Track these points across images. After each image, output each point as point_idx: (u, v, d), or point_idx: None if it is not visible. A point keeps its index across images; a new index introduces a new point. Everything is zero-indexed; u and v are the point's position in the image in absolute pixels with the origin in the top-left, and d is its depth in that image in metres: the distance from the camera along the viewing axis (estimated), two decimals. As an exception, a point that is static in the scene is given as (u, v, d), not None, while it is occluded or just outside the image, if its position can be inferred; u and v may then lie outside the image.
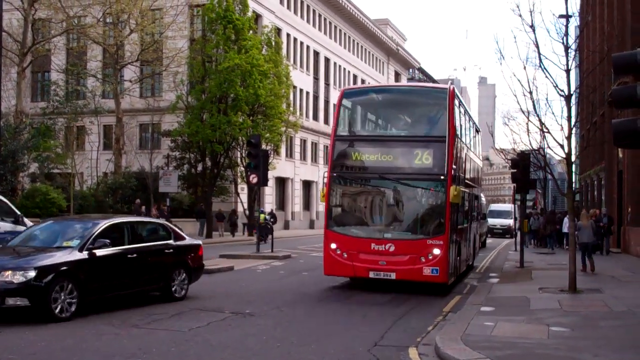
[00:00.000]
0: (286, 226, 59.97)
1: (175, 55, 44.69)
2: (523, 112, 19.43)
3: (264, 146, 38.49)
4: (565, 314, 14.00)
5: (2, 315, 12.47)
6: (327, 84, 72.20)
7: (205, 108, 42.66)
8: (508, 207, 57.43)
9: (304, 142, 65.78)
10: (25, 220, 20.60)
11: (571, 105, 17.18)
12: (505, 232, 52.61)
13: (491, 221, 50.45)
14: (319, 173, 69.16)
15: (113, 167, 44.49)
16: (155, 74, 48.81)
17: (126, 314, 13.48)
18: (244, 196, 47.91)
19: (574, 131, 18.16)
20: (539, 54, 17.57)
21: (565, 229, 32.16)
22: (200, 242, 17.61)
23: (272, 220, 40.88)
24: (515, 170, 25.62)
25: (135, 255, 14.54)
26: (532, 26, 17.36)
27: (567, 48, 16.98)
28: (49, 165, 39.04)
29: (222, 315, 13.56)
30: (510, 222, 51.51)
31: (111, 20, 44.09)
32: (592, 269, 22.72)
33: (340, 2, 71.63)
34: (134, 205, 39.25)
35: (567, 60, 17.00)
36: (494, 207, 60.77)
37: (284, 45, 55.85)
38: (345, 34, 76.66)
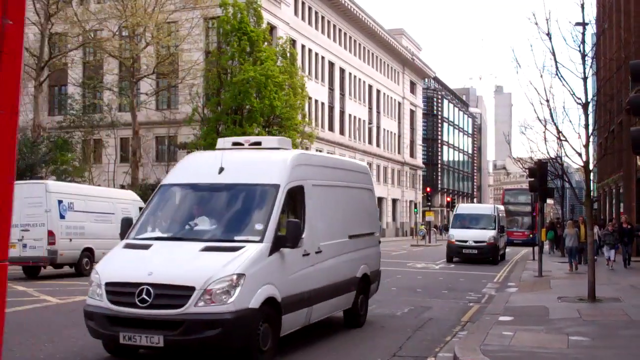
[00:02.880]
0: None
1: (191, 68, 44.92)
2: (540, 120, 19.33)
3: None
4: (584, 323, 13.87)
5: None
6: (342, 95, 72.26)
7: (221, 120, 42.81)
8: (487, 208, 40.46)
9: (320, 152, 65.80)
10: None
11: (588, 113, 17.08)
12: (483, 253, 33.80)
13: (457, 234, 34.74)
14: (335, 184, 69.07)
15: (130, 179, 44.70)
16: (171, 87, 49.10)
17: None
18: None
19: (591, 139, 18.07)
20: (556, 62, 17.50)
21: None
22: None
23: None
24: (532, 179, 25.53)
25: None
26: (548, 34, 17.30)
27: (583, 56, 16.90)
28: (66, 179, 39.25)
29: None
30: (491, 234, 34.17)
31: (127, 33, 44.39)
32: (576, 267, 27.56)
33: (355, 12, 71.77)
34: None
35: (584, 68, 16.91)
36: (463, 209, 40.78)
37: (299, 57, 55.95)
38: (360, 44, 76.76)
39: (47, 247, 23.18)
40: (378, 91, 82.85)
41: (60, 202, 23.79)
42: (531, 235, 55.04)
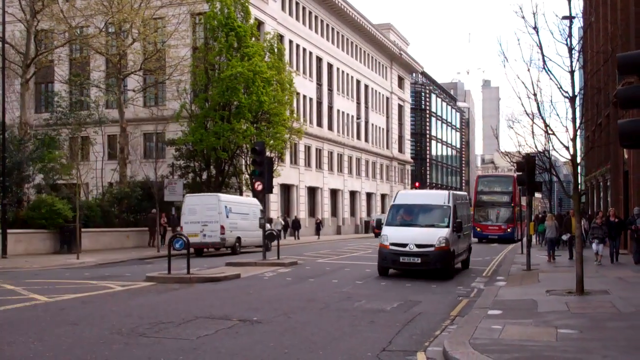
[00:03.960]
0: (292, 233, 60.14)
1: (178, 64, 44.80)
2: (527, 114, 19.38)
3: (268, 153, 38.51)
4: (573, 316, 13.94)
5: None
6: (330, 90, 72.24)
7: (209, 116, 42.74)
8: (438, 196, 26.45)
9: (308, 148, 65.79)
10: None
11: (576, 106, 17.16)
12: (429, 262, 22.84)
13: (393, 234, 23.55)
14: (323, 180, 69.18)
15: (118, 176, 44.58)
16: (159, 83, 48.94)
17: (133, 323, 13.41)
18: (249, 203, 47.90)
19: (579, 133, 18.13)
20: (543, 55, 17.54)
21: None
22: None
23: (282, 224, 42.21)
24: (521, 173, 25.60)
25: None
26: (535, 28, 17.33)
27: (570, 49, 16.94)
28: (54, 176, 39.10)
29: (230, 323, 13.52)
30: (441, 235, 23.10)
31: (113, 30, 44.22)
32: (553, 258, 29.48)
33: (342, 7, 71.73)
34: (149, 214, 39.19)
35: (571, 62, 16.95)
36: (405, 197, 26.69)
37: (287, 52, 55.93)
38: (347, 39, 76.74)
39: (220, 236, 34.34)
40: (366, 86, 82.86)
41: (226, 207, 35.00)
42: (509, 230, 51.20)
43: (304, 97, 64.51)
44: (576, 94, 17.28)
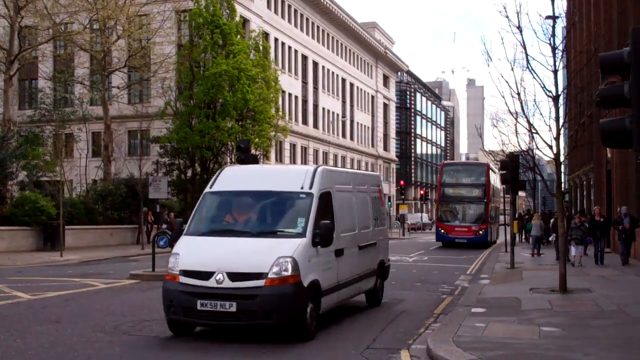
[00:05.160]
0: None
1: (163, 61, 44.62)
2: (511, 113, 19.45)
3: (253, 151, 38.41)
4: (556, 314, 14.02)
5: None
6: (315, 88, 72.18)
7: (194, 114, 42.61)
8: (292, 176, 13.38)
9: (293, 146, 65.72)
10: None
11: (559, 105, 17.26)
12: (253, 313, 11.11)
13: (190, 253, 11.94)
14: (308, 177, 69.05)
15: (102, 174, 44.33)
16: (143, 80, 48.72)
17: (116, 321, 13.36)
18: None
19: (562, 132, 18.23)
20: (527, 55, 17.62)
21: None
22: None
23: None
24: (504, 172, 25.69)
25: None
26: (519, 27, 17.41)
27: (554, 49, 17.02)
28: (37, 173, 38.81)
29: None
30: (285, 253, 11.44)
31: (98, 26, 43.97)
32: (538, 254, 31.34)
33: (328, 6, 71.69)
34: (141, 213, 38.89)
35: (555, 61, 17.04)
36: (231, 181, 13.58)
37: (272, 50, 55.79)
38: (333, 37, 76.71)
39: None
40: (351, 84, 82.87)
41: None
42: (481, 232, 42.37)
43: (290, 95, 64.40)
44: (559, 93, 17.37)
